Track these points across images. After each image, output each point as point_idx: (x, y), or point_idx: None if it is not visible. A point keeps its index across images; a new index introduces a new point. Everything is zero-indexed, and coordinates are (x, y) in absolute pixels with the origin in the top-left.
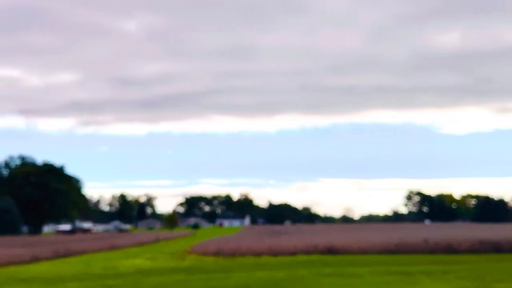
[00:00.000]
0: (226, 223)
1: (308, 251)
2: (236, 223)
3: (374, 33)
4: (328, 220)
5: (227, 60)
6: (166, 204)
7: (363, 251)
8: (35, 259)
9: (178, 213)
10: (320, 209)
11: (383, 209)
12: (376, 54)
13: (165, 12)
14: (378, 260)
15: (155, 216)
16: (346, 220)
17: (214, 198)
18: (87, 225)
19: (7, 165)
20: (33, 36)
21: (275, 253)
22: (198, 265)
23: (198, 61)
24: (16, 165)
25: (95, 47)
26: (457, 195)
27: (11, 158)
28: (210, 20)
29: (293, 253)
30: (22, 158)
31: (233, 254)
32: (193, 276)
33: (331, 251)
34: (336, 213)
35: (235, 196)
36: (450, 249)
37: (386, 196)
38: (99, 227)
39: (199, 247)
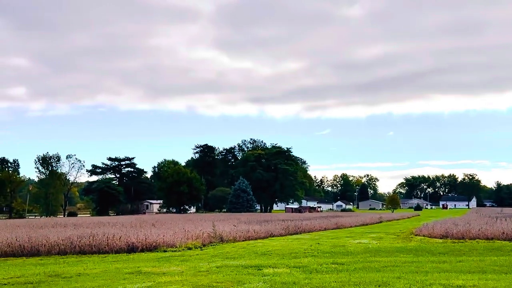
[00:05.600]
0: (450, 205)
1: None
2: (460, 205)
3: None
4: None
5: (452, 36)
6: (386, 186)
7: None
8: (269, 235)
9: (400, 194)
10: None
11: None
12: None
13: None
14: None
15: (376, 197)
16: None
17: (437, 179)
18: (312, 204)
19: (241, 149)
20: (263, 28)
21: (509, 237)
22: (425, 247)
23: (420, 40)
24: (248, 149)
25: (320, 35)
26: None
27: (244, 142)
28: None
29: None
30: (254, 142)
31: (462, 237)
32: (421, 257)
33: None
34: None
35: (460, 177)
36: None
37: None
38: (323, 207)
39: (424, 229)
